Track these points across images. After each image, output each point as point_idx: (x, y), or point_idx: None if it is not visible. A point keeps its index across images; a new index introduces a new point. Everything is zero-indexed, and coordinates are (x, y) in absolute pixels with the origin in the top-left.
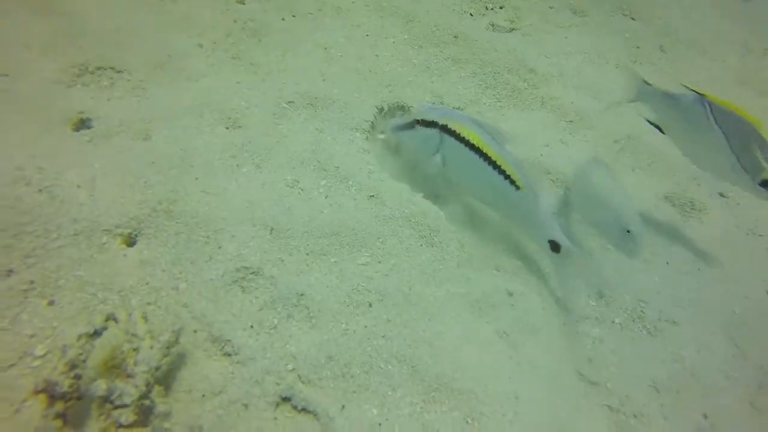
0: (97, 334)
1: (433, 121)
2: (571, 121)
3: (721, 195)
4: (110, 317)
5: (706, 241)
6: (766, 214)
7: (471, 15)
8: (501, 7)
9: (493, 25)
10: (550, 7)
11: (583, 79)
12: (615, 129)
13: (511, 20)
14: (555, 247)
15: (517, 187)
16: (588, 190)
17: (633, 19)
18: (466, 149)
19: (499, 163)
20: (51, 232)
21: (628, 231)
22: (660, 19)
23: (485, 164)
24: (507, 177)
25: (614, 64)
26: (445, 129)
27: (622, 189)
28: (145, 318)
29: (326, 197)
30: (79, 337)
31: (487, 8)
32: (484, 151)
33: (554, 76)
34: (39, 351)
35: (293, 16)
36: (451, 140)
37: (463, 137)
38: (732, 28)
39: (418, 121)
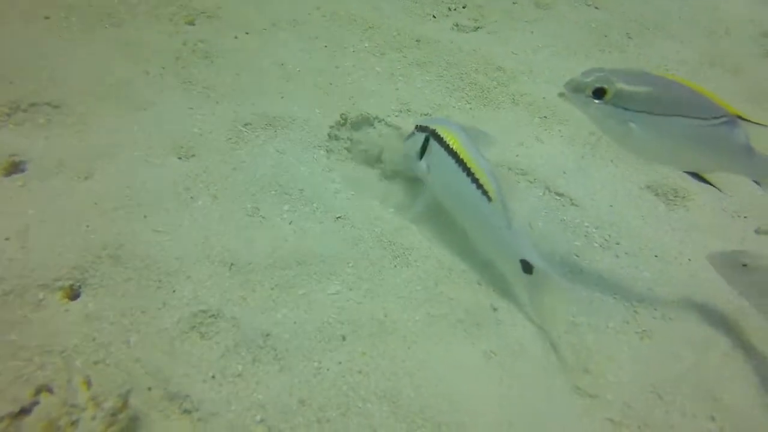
0: (24, 411)
1: (426, 127)
2: (545, 117)
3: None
4: (42, 388)
5: (694, 229)
6: (748, 196)
7: (434, 17)
8: (464, 7)
9: (457, 25)
10: (514, 3)
11: (553, 74)
12: (590, 121)
13: (475, 19)
14: (527, 267)
15: (489, 199)
16: None
17: (597, 8)
18: (447, 155)
19: (473, 170)
20: None
21: None
22: (623, 6)
23: (460, 171)
24: (480, 186)
25: (583, 55)
26: (433, 134)
27: None
28: (87, 383)
29: (290, 223)
30: (1, 419)
31: (450, 9)
32: (461, 156)
33: (523, 73)
34: None
35: (246, 33)
36: (437, 146)
37: (445, 141)
38: (693, 11)
39: (417, 127)
